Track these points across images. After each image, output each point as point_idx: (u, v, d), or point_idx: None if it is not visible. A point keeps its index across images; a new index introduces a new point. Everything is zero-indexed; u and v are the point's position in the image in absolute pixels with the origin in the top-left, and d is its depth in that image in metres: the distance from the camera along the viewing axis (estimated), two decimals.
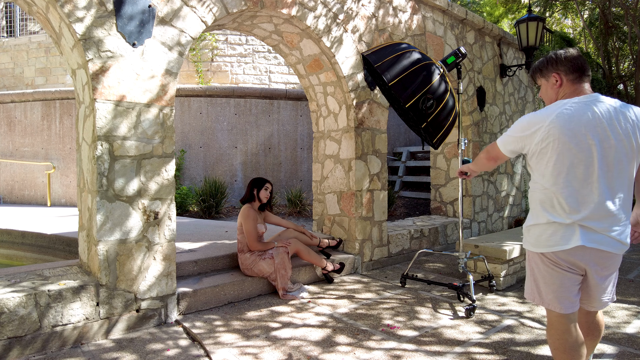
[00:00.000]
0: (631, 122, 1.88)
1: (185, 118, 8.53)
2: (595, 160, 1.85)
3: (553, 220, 1.91)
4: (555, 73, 2.01)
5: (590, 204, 1.86)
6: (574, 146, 1.84)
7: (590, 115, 1.86)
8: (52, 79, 10.50)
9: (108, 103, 2.95)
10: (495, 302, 3.76)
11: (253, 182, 4.03)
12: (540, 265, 2.01)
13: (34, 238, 5.46)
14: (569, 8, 14.48)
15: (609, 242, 1.87)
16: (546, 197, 1.94)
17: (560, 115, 1.87)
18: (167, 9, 3.22)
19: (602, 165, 1.85)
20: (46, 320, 2.68)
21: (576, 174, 1.86)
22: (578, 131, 1.84)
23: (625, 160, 1.87)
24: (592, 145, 1.84)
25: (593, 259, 1.91)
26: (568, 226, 1.88)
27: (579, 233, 1.86)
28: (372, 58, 3.37)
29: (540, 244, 1.96)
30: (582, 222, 1.86)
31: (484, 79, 6.67)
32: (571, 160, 1.86)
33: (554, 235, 1.91)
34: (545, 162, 1.91)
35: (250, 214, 3.79)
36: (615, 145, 1.85)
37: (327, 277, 4.23)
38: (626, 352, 2.77)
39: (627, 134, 1.87)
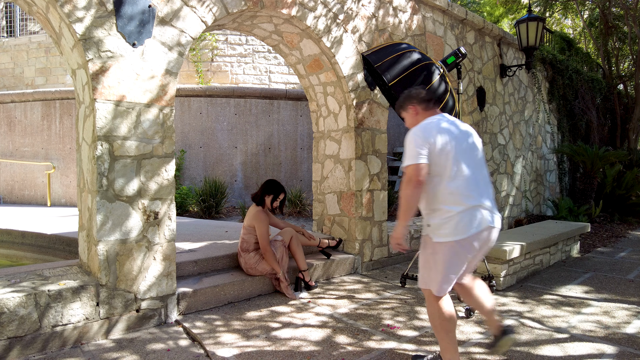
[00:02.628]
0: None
1: (185, 118, 8.53)
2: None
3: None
4: (411, 105, 2.59)
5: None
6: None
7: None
8: (52, 79, 10.50)
9: (108, 103, 2.95)
10: (495, 302, 3.76)
11: (268, 187, 3.87)
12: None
13: (34, 238, 5.46)
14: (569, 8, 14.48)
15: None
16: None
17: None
18: (167, 9, 3.22)
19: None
20: (46, 320, 2.68)
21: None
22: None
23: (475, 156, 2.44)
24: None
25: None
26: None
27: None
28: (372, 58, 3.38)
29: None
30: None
31: (484, 79, 6.67)
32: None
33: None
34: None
35: (264, 218, 3.75)
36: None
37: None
38: (626, 352, 2.77)
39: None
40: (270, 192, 3.87)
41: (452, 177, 2.32)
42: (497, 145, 7.06)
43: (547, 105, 8.95)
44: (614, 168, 9.20)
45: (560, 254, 5.38)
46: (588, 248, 6.19)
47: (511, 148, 7.52)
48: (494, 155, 6.97)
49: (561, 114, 9.51)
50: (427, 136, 2.34)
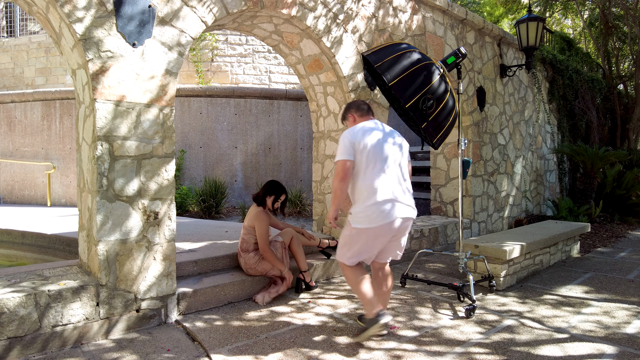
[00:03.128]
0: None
1: (185, 118, 8.53)
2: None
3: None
4: (349, 114, 3.09)
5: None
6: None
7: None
8: (52, 79, 10.50)
9: (108, 103, 2.95)
10: (496, 302, 3.76)
11: (269, 188, 3.87)
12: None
13: (34, 238, 5.46)
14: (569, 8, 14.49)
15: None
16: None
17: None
18: (167, 9, 3.22)
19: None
20: (46, 321, 2.68)
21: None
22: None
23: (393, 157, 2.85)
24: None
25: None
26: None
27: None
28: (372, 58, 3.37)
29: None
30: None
31: (484, 79, 6.67)
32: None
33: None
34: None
35: (264, 218, 3.74)
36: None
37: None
38: (626, 352, 2.77)
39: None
40: (271, 192, 3.86)
41: (370, 173, 2.75)
42: (497, 145, 7.06)
43: (547, 105, 8.95)
44: (614, 168, 9.20)
45: (561, 254, 5.38)
46: (588, 248, 6.19)
47: (511, 148, 7.52)
48: (494, 155, 6.97)
49: (561, 114, 9.51)
50: (354, 138, 2.78)
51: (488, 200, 6.85)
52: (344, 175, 2.74)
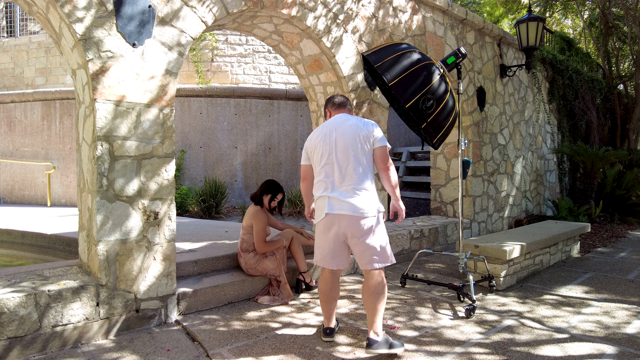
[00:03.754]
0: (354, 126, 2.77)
1: (185, 118, 8.53)
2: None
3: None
4: (327, 109, 3.05)
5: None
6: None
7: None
8: (52, 79, 10.50)
9: (108, 103, 2.95)
10: (496, 302, 3.76)
11: (267, 187, 3.90)
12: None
13: (34, 238, 5.46)
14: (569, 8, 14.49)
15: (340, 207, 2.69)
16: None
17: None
18: (167, 9, 3.22)
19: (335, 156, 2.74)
20: (46, 321, 2.68)
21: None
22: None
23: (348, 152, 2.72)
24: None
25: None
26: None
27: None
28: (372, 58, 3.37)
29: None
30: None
31: (484, 79, 6.67)
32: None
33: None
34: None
35: (262, 217, 3.76)
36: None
37: None
38: (626, 352, 2.77)
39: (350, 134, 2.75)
40: (268, 191, 3.88)
41: (317, 171, 2.81)
42: (497, 145, 7.06)
43: (547, 105, 8.95)
44: (614, 168, 9.20)
45: (561, 254, 5.38)
46: (588, 248, 6.19)
47: (511, 148, 7.52)
48: (494, 155, 6.97)
49: (561, 114, 9.51)
50: (307, 143, 2.90)
51: (488, 200, 6.85)
52: (302, 177, 2.99)
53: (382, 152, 2.75)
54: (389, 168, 2.75)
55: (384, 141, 2.76)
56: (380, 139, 2.75)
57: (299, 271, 3.91)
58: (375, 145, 2.74)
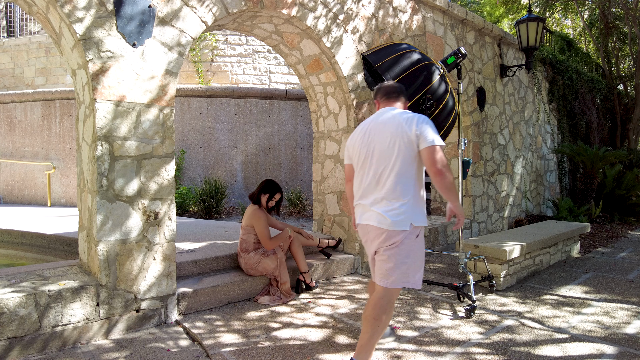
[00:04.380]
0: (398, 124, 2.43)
1: (185, 118, 8.53)
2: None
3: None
4: (375, 100, 2.72)
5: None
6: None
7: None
8: (52, 79, 10.50)
9: (108, 103, 2.95)
10: (496, 302, 3.76)
11: (265, 186, 3.91)
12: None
13: (34, 238, 5.46)
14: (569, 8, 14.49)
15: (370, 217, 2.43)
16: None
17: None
18: (167, 9, 3.22)
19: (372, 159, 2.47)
20: (46, 321, 2.68)
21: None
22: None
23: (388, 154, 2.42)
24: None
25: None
26: None
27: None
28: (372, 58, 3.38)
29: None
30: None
31: (484, 79, 6.67)
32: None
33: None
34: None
35: (261, 215, 3.77)
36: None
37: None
38: (626, 352, 2.77)
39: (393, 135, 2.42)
40: (266, 191, 3.90)
41: (355, 174, 2.60)
42: (497, 145, 7.06)
43: (547, 105, 8.95)
44: (614, 168, 9.20)
45: (561, 254, 5.38)
46: (588, 248, 6.18)
47: (511, 148, 7.52)
48: (494, 156, 6.97)
49: (561, 114, 9.51)
50: (349, 141, 2.67)
51: (488, 201, 6.85)
52: (346, 178, 2.75)
53: (429, 153, 2.32)
54: (439, 171, 2.31)
55: (432, 140, 2.32)
56: (428, 138, 2.32)
57: (300, 271, 3.91)
58: (422, 145, 2.34)
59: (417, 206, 2.38)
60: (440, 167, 2.31)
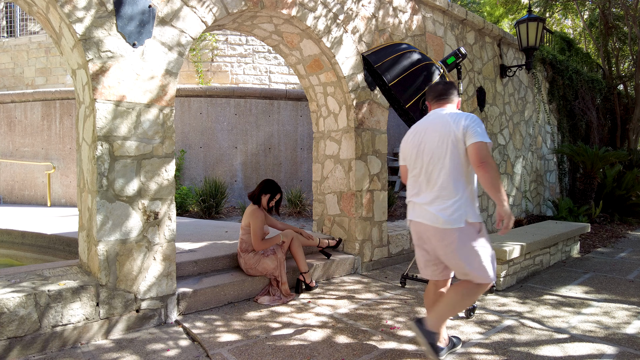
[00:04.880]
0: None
1: (185, 118, 8.53)
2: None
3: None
4: (427, 101, 2.74)
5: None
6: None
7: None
8: (52, 79, 10.50)
9: (108, 103, 2.95)
10: (496, 302, 3.76)
11: (265, 187, 3.92)
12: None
13: (34, 238, 5.46)
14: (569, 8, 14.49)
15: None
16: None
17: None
18: (167, 9, 3.22)
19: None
20: (46, 321, 2.68)
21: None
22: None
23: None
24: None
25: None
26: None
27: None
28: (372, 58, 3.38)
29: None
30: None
31: (484, 80, 6.67)
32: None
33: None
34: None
35: (259, 215, 3.78)
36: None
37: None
38: (626, 352, 2.77)
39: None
40: (267, 191, 3.90)
41: (409, 175, 2.64)
42: (497, 145, 7.06)
43: (547, 105, 8.95)
44: (614, 168, 9.20)
45: (560, 254, 5.38)
46: (588, 248, 6.19)
47: (511, 148, 7.52)
48: (494, 156, 6.98)
49: (561, 114, 9.51)
50: (402, 142, 2.71)
51: (488, 201, 6.85)
52: (402, 178, 2.79)
53: (475, 149, 2.35)
54: (484, 166, 2.32)
55: (478, 136, 2.35)
56: (474, 134, 2.36)
57: (300, 271, 3.91)
58: (468, 142, 2.38)
59: (469, 203, 2.42)
60: (485, 163, 2.32)
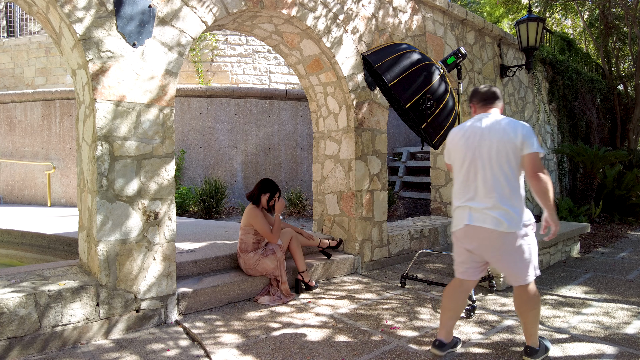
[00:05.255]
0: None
1: (185, 118, 8.53)
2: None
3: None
4: (471, 103, 2.81)
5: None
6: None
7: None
8: (52, 79, 10.50)
9: (108, 103, 2.95)
10: (496, 302, 3.76)
11: (264, 186, 3.92)
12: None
13: (34, 238, 5.46)
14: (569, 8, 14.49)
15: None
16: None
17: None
18: (167, 9, 3.22)
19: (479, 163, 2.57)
20: (46, 321, 2.68)
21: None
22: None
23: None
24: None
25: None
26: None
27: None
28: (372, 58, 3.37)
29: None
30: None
31: (484, 80, 6.67)
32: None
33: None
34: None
35: (258, 213, 3.80)
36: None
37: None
38: (626, 352, 2.77)
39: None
40: (266, 190, 3.90)
41: (456, 174, 2.68)
42: None
43: (547, 105, 8.95)
44: (614, 168, 9.20)
45: (560, 254, 5.38)
46: (588, 248, 6.19)
47: None
48: None
49: (561, 114, 9.51)
50: (449, 142, 2.73)
51: None
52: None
53: (531, 159, 2.48)
54: (539, 177, 2.45)
55: (533, 147, 2.47)
56: (531, 145, 2.47)
57: (298, 271, 3.92)
58: (525, 151, 2.48)
59: (524, 207, 2.58)
60: (539, 172, 2.46)
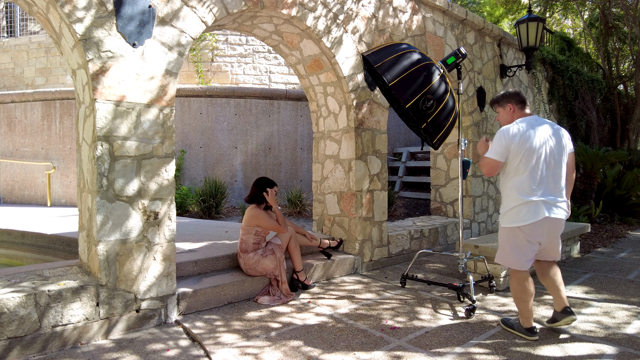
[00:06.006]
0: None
1: (185, 118, 8.53)
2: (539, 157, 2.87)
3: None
4: (509, 104, 3.05)
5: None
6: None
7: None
8: (52, 79, 10.50)
9: (108, 103, 2.95)
10: (496, 302, 3.76)
11: (262, 184, 3.94)
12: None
13: (34, 238, 5.46)
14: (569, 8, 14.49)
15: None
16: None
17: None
18: (167, 9, 3.22)
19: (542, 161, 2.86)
20: (46, 321, 2.68)
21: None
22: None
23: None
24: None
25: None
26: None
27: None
28: (372, 58, 3.37)
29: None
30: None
31: (484, 80, 6.67)
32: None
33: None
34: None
35: (261, 212, 3.82)
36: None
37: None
38: (626, 352, 2.77)
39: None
40: (265, 187, 3.93)
41: (518, 173, 2.85)
42: None
43: (547, 105, 8.95)
44: (614, 168, 9.20)
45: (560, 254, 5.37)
46: (588, 248, 6.18)
47: None
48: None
49: (561, 114, 9.51)
50: (511, 140, 2.85)
51: (488, 201, 6.85)
52: (489, 172, 2.98)
53: (572, 158, 2.99)
54: (575, 173, 3.01)
55: (572, 147, 3.00)
56: (571, 146, 2.99)
57: (294, 270, 3.93)
58: (569, 151, 2.97)
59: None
60: (575, 169, 3.01)
